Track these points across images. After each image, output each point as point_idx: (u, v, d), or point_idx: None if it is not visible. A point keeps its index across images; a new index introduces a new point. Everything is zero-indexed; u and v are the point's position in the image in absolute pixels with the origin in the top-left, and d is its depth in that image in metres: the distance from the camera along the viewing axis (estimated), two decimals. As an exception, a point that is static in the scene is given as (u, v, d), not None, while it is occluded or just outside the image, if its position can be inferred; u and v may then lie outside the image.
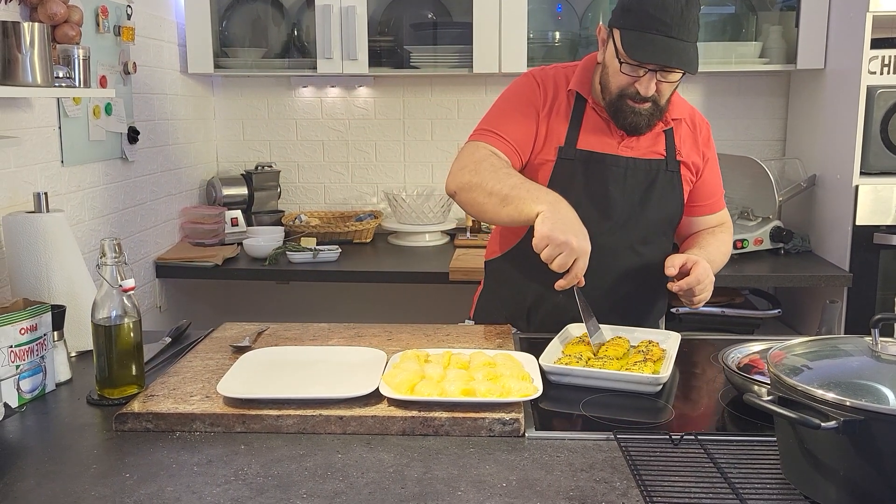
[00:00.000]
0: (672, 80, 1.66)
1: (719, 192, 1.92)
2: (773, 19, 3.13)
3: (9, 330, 1.37)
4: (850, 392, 0.97)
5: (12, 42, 1.70)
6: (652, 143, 1.79)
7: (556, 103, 1.79)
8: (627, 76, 1.65)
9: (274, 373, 1.43)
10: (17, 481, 1.12)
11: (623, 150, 1.77)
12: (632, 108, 1.69)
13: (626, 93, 1.67)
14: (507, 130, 1.77)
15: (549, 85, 1.80)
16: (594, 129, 1.77)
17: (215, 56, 3.09)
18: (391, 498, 1.05)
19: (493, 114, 1.82)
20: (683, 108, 1.84)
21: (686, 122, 1.83)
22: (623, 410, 1.37)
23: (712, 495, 1.04)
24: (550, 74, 1.82)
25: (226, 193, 3.21)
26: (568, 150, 1.76)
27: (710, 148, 1.88)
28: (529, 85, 1.81)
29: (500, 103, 1.83)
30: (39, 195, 1.73)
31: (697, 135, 1.85)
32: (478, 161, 1.72)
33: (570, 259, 1.53)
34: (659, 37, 1.59)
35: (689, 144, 1.83)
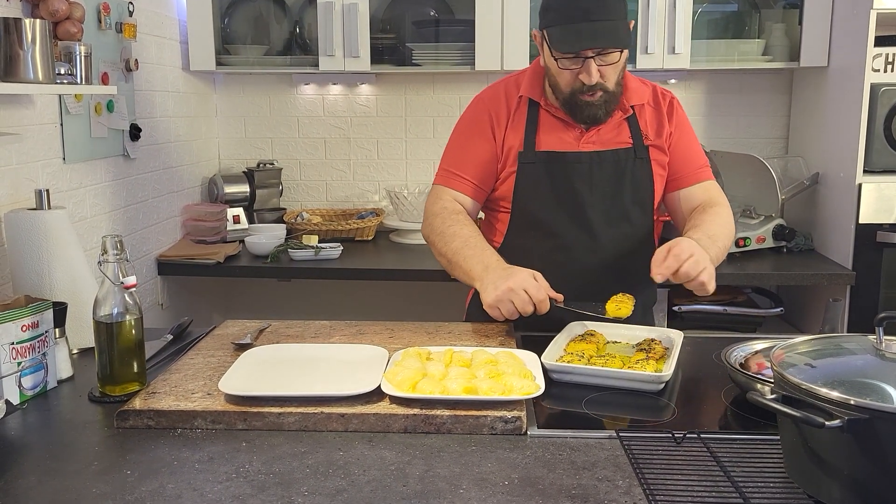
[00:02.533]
0: (613, 62, 1.66)
1: (699, 160, 1.87)
2: (777, 17, 3.12)
3: (10, 327, 1.37)
4: (854, 391, 0.96)
5: (14, 39, 1.70)
6: (615, 133, 1.78)
7: (511, 115, 1.80)
8: (569, 70, 1.67)
9: (275, 370, 1.43)
10: (18, 478, 1.12)
11: (585, 146, 1.78)
12: (585, 102, 1.70)
13: (575, 88, 1.69)
14: (467, 167, 1.81)
15: (501, 101, 1.82)
16: (551, 129, 1.78)
17: (217, 53, 3.08)
18: (393, 496, 1.05)
19: (451, 150, 1.86)
20: (643, 91, 1.82)
21: (648, 104, 1.82)
22: (625, 409, 1.36)
23: (715, 494, 1.04)
24: (500, 90, 1.84)
25: (227, 191, 3.21)
26: (528, 154, 1.78)
27: (678, 118, 1.85)
28: (480, 111, 1.83)
29: (456, 137, 1.86)
30: (41, 192, 1.73)
31: (662, 111, 1.83)
32: (433, 216, 1.81)
33: (521, 297, 1.56)
34: (581, 24, 1.61)
35: (656, 125, 1.82)
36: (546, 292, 1.59)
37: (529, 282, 1.58)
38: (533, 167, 1.77)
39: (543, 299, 1.58)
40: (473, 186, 1.81)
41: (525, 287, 1.57)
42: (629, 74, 1.81)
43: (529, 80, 1.81)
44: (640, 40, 2.93)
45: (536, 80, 1.80)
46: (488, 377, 1.34)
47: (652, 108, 1.83)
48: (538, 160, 1.77)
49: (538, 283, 1.59)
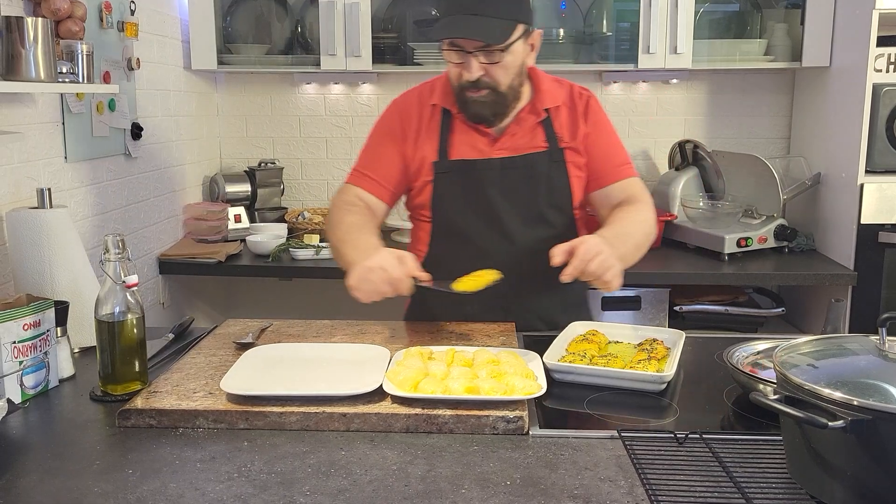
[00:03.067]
0: (496, 62, 1.64)
1: (617, 158, 1.83)
2: (779, 17, 3.12)
3: (12, 326, 1.37)
4: (857, 391, 0.96)
5: (16, 37, 1.69)
6: (530, 137, 1.77)
7: (423, 123, 1.80)
8: (454, 64, 1.67)
9: (277, 369, 1.43)
10: (19, 477, 1.12)
11: (497, 152, 1.77)
12: (472, 98, 1.69)
13: (461, 83, 1.68)
14: (375, 168, 1.81)
15: (412, 109, 1.81)
16: (465, 137, 1.78)
17: (219, 52, 3.08)
18: (395, 495, 1.05)
19: (364, 151, 1.86)
20: (558, 93, 1.80)
21: (565, 105, 1.80)
22: (627, 409, 1.36)
23: (717, 494, 1.04)
24: (414, 98, 1.83)
25: (229, 190, 3.21)
26: (442, 163, 1.77)
27: (594, 117, 1.81)
28: (392, 118, 1.84)
29: (370, 140, 1.87)
30: (43, 191, 1.73)
31: (577, 112, 1.80)
32: (331, 209, 1.82)
33: (381, 274, 1.52)
34: (458, 16, 1.62)
35: (571, 127, 1.79)
36: (409, 272, 1.54)
37: (389, 261, 1.54)
38: (447, 176, 1.77)
39: (400, 277, 1.53)
40: (381, 187, 1.80)
41: (383, 265, 1.53)
42: (544, 77, 1.80)
43: (442, 89, 1.79)
44: (641, 40, 2.93)
45: (448, 88, 1.77)
46: (490, 377, 1.34)
47: (568, 108, 1.80)
48: (452, 169, 1.77)
49: (401, 262, 1.54)
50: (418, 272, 1.57)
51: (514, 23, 1.64)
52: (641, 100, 3.35)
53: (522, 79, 1.74)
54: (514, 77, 1.69)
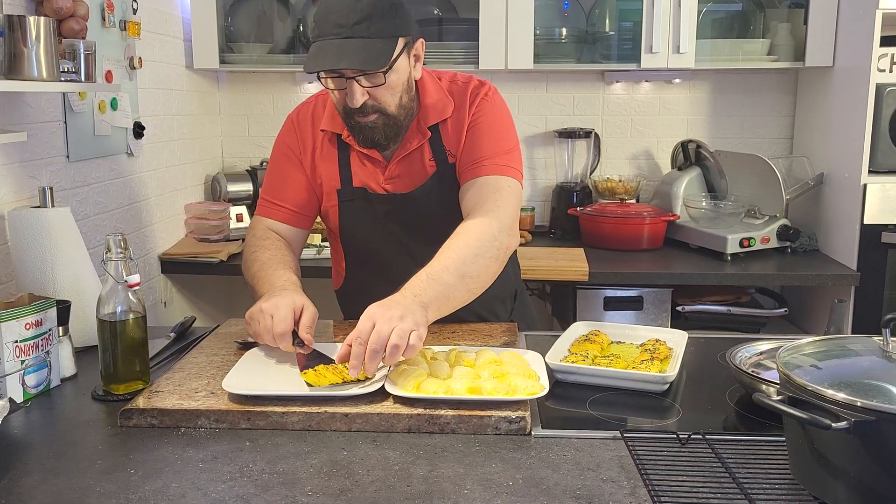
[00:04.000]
0: (379, 84, 1.52)
1: (481, 152, 1.63)
2: (782, 16, 3.12)
3: (14, 325, 1.37)
4: (860, 392, 0.96)
5: (18, 36, 1.69)
6: (419, 160, 1.67)
7: (318, 144, 1.71)
8: (335, 91, 1.55)
9: (279, 369, 1.42)
10: (21, 476, 1.12)
11: (388, 184, 1.68)
12: (361, 124, 1.57)
13: (348, 109, 1.56)
14: (280, 193, 1.74)
15: (307, 128, 1.73)
16: (359, 162, 1.70)
17: (220, 51, 3.08)
18: (397, 496, 1.05)
19: (267, 176, 1.78)
20: (443, 106, 1.66)
21: (451, 116, 1.66)
22: (630, 409, 1.36)
23: (720, 495, 1.03)
24: (308, 112, 1.74)
25: (230, 189, 3.20)
26: (345, 189, 1.71)
27: (477, 110, 1.66)
28: (287, 138, 1.75)
29: (271, 162, 1.78)
30: (44, 190, 1.73)
31: (463, 112, 1.66)
32: (245, 247, 1.74)
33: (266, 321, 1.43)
34: (334, 41, 1.47)
35: (457, 134, 1.66)
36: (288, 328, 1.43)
37: (279, 312, 1.43)
38: (351, 204, 1.71)
39: (280, 333, 1.41)
40: (290, 212, 1.73)
41: (273, 314, 1.43)
42: (430, 87, 1.67)
43: (331, 110, 1.68)
44: (644, 40, 2.92)
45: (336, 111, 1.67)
46: (492, 377, 1.34)
47: (456, 113, 1.66)
48: (354, 197, 1.70)
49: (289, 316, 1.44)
50: (306, 332, 1.44)
51: (394, 39, 1.51)
52: (644, 99, 3.35)
53: (412, 93, 1.62)
54: (402, 95, 1.58)
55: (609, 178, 3.26)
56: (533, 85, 3.34)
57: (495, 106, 1.69)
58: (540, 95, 3.35)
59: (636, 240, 2.95)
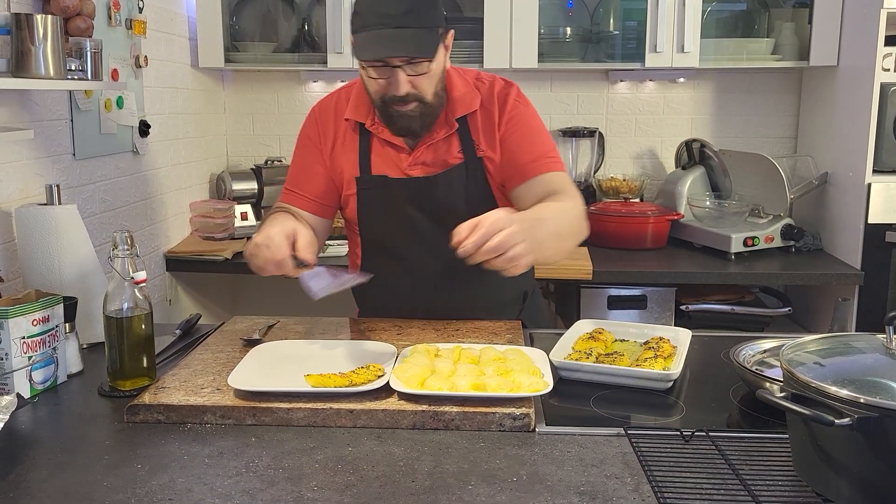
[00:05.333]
0: (423, 73, 1.56)
1: (537, 151, 1.69)
2: (786, 16, 3.12)
3: (21, 321, 1.38)
4: (864, 389, 0.96)
5: (25, 34, 1.70)
6: (445, 148, 1.69)
7: (339, 134, 1.73)
8: (377, 80, 1.58)
9: (284, 366, 1.43)
10: (29, 471, 1.12)
11: (412, 170, 1.69)
12: (399, 112, 1.60)
13: (386, 98, 1.59)
14: (302, 183, 1.75)
15: (330, 118, 1.75)
16: (382, 151, 1.71)
17: (226, 50, 3.09)
18: (402, 491, 1.05)
19: (291, 167, 1.80)
20: (471, 98, 1.69)
21: (481, 109, 1.70)
22: (633, 406, 1.36)
23: (723, 492, 1.04)
24: (331, 105, 1.76)
25: (235, 188, 3.21)
26: (364, 178, 1.72)
27: (511, 113, 1.70)
28: (309, 130, 1.77)
29: (295, 153, 1.80)
30: (51, 187, 1.74)
31: (493, 112, 1.70)
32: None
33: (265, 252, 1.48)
34: (384, 30, 1.51)
35: (488, 131, 1.69)
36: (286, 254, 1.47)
37: (275, 239, 1.48)
38: (370, 192, 1.72)
39: (282, 259, 1.47)
40: (312, 202, 1.75)
41: (268, 244, 1.48)
42: (457, 81, 1.70)
43: (355, 99, 1.71)
44: (648, 39, 2.93)
45: (361, 99, 1.70)
46: (497, 374, 1.34)
47: (485, 110, 1.70)
48: (373, 185, 1.71)
49: (286, 241, 1.48)
50: (305, 252, 1.48)
51: (437, 28, 1.56)
52: (648, 99, 3.35)
53: (444, 83, 1.66)
54: (438, 83, 1.62)
55: (613, 178, 3.26)
56: (537, 84, 3.34)
57: (529, 107, 1.74)
58: (544, 95, 3.35)
59: (640, 239, 2.95)
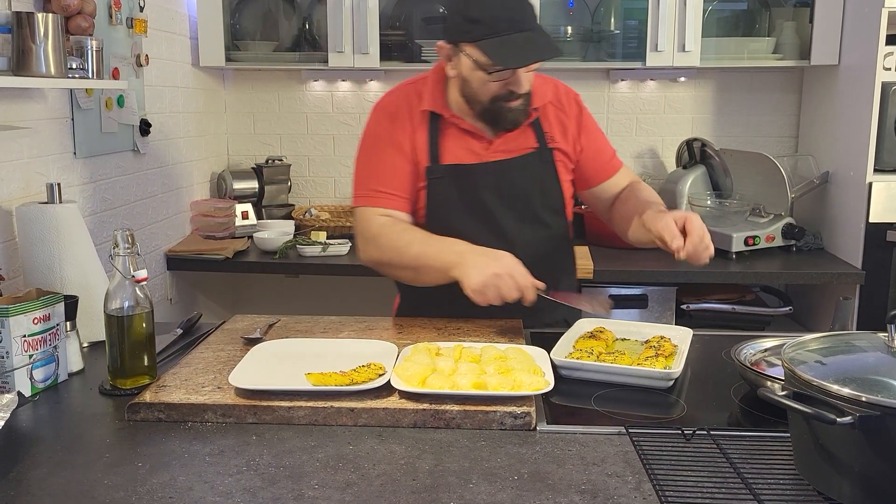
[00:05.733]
0: (533, 70, 1.66)
1: (608, 153, 1.87)
2: (787, 15, 3.12)
3: (22, 319, 1.38)
4: (865, 388, 0.96)
5: (26, 33, 1.70)
6: (522, 139, 1.76)
7: (414, 124, 1.75)
8: (498, 82, 1.63)
9: (285, 365, 1.43)
10: (30, 469, 1.12)
11: (492, 155, 1.75)
12: (508, 108, 1.67)
13: (499, 96, 1.66)
14: (384, 181, 1.74)
15: (402, 110, 1.76)
16: (457, 141, 1.74)
17: (226, 49, 3.09)
18: (403, 490, 1.05)
19: (364, 166, 1.78)
20: (545, 92, 1.79)
21: (551, 104, 1.79)
22: (634, 405, 1.36)
23: (725, 490, 1.04)
24: (401, 98, 1.78)
25: (236, 187, 3.22)
26: (434, 168, 1.74)
27: (584, 117, 1.83)
28: (383, 122, 1.77)
29: (366, 152, 1.79)
30: (52, 186, 1.74)
31: (565, 112, 1.80)
32: (375, 237, 1.71)
33: (509, 282, 1.54)
34: (516, 35, 1.58)
35: (560, 127, 1.79)
36: (532, 280, 1.56)
37: (517, 268, 1.56)
38: (441, 182, 1.74)
39: (529, 286, 1.55)
40: (397, 198, 1.74)
41: (511, 273, 1.54)
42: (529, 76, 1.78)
43: (431, 92, 1.75)
44: (649, 38, 2.92)
45: (438, 91, 1.75)
46: (498, 373, 1.34)
47: (555, 107, 1.79)
48: (445, 174, 1.74)
49: (522, 273, 1.56)
50: (532, 279, 1.58)
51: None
52: (649, 98, 3.35)
53: None
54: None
55: (614, 177, 3.25)
56: (538, 83, 3.34)
57: (589, 112, 1.87)
58: (545, 94, 3.35)
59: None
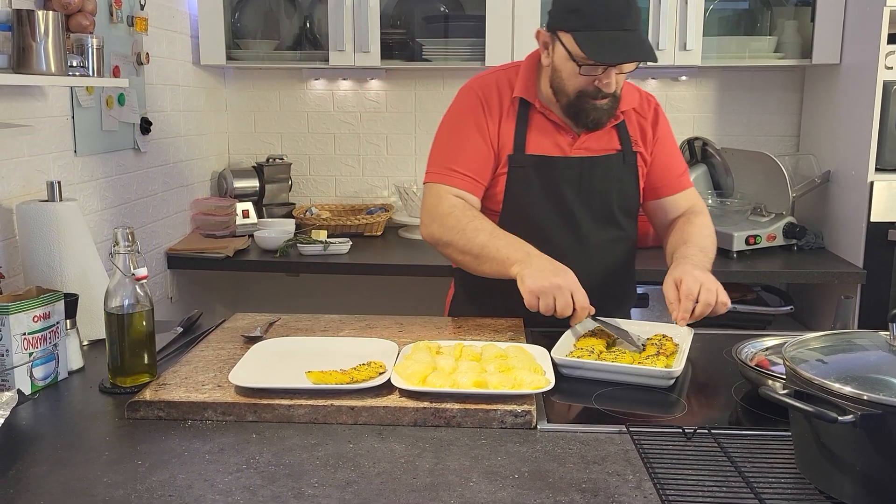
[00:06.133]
0: (627, 71, 1.64)
1: (679, 168, 1.87)
2: (789, 14, 3.11)
3: (22, 317, 1.37)
4: (867, 386, 0.96)
5: (27, 30, 1.70)
6: (606, 139, 1.77)
7: (503, 111, 1.75)
8: (586, 77, 1.62)
9: (285, 363, 1.43)
10: (30, 467, 1.12)
11: (576, 152, 1.75)
12: (593, 106, 1.67)
13: (586, 92, 1.65)
14: (462, 162, 1.73)
15: (493, 95, 1.75)
16: (543, 132, 1.74)
17: (227, 48, 3.09)
18: (403, 488, 1.05)
19: (444, 144, 1.77)
20: (631, 97, 1.79)
21: (635, 110, 1.80)
22: (635, 404, 1.36)
23: (726, 489, 1.03)
24: (492, 82, 1.77)
25: (237, 185, 3.21)
26: (518, 157, 1.73)
27: (661, 126, 1.83)
28: (472, 103, 1.75)
29: (449, 130, 1.77)
30: (53, 184, 1.74)
31: (646, 118, 1.81)
32: (444, 216, 1.70)
33: (566, 296, 1.53)
34: (614, 32, 1.57)
35: (640, 132, 1.81)
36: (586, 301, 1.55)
37: (577, 285, 1.54)
38: (523, 171, 1.74)
39: (583, 307, 1.54)
40: (472, 182, 1.73)
41: (572, 288, 1.53)
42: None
43: (524, 80, 1.74)
44: (651, 37, 2.92)
45: (531, 80, 1.75)
46: (498, 371, 1.34)
47: (637, 113, 1.81)
48: (528, 164, 1.73)
49: (580, 293, 1.55)
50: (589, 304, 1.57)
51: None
52: (650, 97, 3.34)
53: None
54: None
55: (615, 176, 3.25)
56: (539, 82, 3.34)
57: (668, 122, 1.87)
58: (546, 92, 3.35)
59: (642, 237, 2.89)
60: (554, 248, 1.69)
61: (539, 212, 1.75)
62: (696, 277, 1.58)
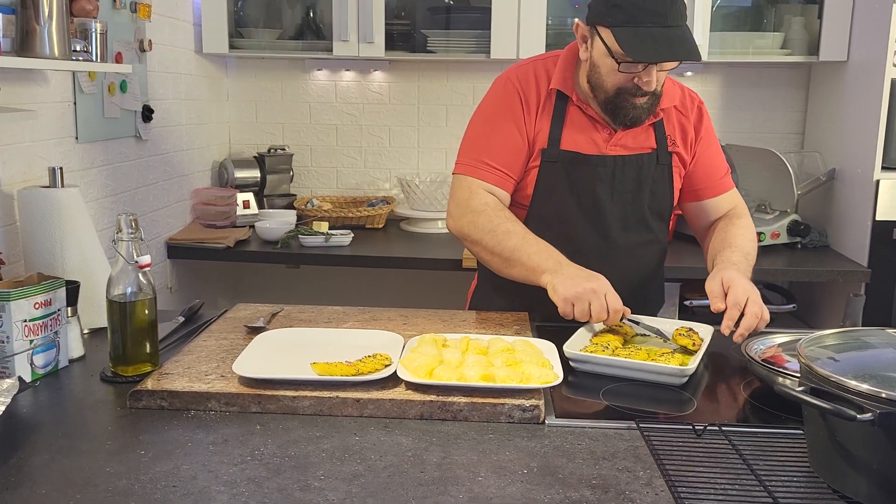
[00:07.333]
0: (668, 69, 1.60)
1: (722, 169, 1.82)
2: (796, 10, 3.09)
3: (23, 304, 1.36)
4: (884, 384, 0.94)
5: (31, 13, 1.68)
6: (643, 137, 1.72)
7: (540, 103, 1.70)
8: (625, 74, 1.58)
9: (290, 354, 1.41)
10: (31, 455, 1.10)
11: (611, 149, 1.70)
12: (632, 104, 1.62)
13: (625, 89, 1.60)
14: (496, 155, 1.69)
15: (531, 86, 1.71)
16: (579, 127, 1.70)
17: (230, 36, 3.06)
18: (411, 482, 1.04)
19: (478, 135, 1.72)
20: (673, 94, 1.74)
21: (677, 108, 1.75)
22: (644, 400, 1.34)
23: (738, 487, 1.02)
24: (530, 73, 1.72)
25: (238, 175, 3.19)
26: (551, 151, 1.69)
27: (704, 125, 1.78)
28: (509, 94, 1.71)
29: (485, 120, 1.73)
30: (54, 170, 1.72)
31: (688, 117, 1.76)
32: (475, 213, 1.67)
33: (601, 300, 1.50)
34: (655, 29, 1.52)
35: (681, 131, 1.76)
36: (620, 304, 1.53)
37: (610, 289, 1.52)
38: (555, 166, 1.69)
39: (617, 310, 1.51)
40: (505, 177, 1.69)
41: (607, 293, 1.51)
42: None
43: (561, 72, 1.70)
44: (657, 31, 2.89)
45: (568, 73, 1.69)
46: (506, 365, 1.32)
47: (679, 112, 1.75)
48: (561, 159, 1.69)
49: (613, 296, 1.52)
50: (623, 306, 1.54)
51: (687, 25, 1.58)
52: (655, 92, 3.32)
53: None
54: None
55: (618, 171, 3.23)
56: (543, 76, 3.31)
57: (711, 122, 1.83)
58: (550, 86, 3.33)
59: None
60: (579, 250, 1.65)
61: (567, 208, 1.71)
62: (746, 289, 1.52)
